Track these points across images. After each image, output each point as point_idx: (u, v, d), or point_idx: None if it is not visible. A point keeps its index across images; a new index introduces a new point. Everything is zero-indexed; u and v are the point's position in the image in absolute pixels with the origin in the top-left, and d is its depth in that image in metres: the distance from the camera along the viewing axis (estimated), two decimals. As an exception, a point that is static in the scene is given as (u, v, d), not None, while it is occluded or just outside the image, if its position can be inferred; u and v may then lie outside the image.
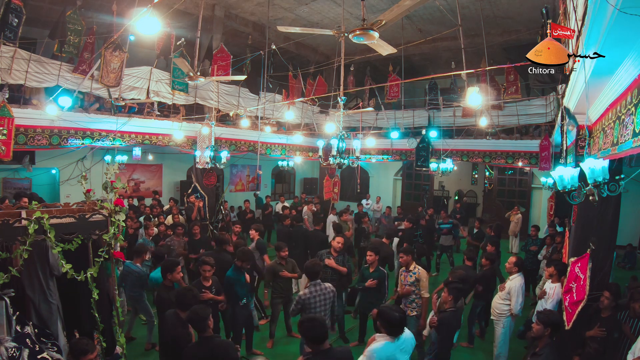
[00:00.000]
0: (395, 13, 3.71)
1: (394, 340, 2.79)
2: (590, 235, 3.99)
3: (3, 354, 2.43)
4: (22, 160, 8.69)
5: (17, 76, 6.53)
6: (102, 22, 8.04)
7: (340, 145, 4.78)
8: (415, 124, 11.53)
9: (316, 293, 3.82)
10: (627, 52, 2.48)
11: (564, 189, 2.94)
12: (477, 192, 15.03)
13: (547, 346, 3.01)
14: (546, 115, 9.27)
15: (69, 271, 3.00)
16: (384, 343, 2.80)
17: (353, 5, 8.49)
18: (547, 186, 9.21)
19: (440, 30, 8.93)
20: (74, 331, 3.53)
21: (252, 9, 9.38)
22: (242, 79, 7.13)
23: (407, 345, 2.86)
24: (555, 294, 4.38)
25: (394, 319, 2.78)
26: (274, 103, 10.37)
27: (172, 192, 12.17)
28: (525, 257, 6.55)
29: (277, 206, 11.63)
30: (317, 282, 3.88)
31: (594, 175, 2.45)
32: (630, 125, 2.48)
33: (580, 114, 4.15)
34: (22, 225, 2.80)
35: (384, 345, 2.79)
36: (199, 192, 9.21)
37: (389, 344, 2.79)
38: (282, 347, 5.15)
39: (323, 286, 3.89)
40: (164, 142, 9.05)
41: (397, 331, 2.80)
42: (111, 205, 3.36)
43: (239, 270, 4.55)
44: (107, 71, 7.38)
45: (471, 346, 5.33)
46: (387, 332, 2.82)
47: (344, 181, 14.70)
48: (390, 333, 2.80)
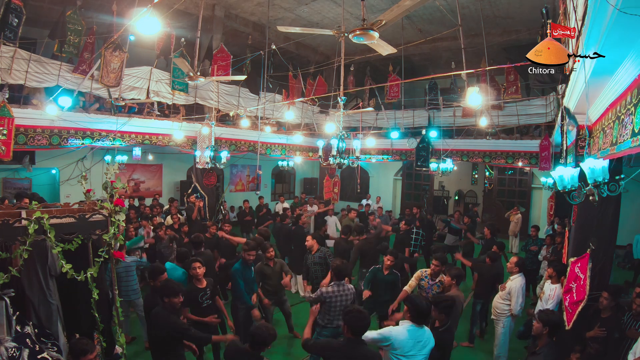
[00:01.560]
0: (395, 13, 3.71)
1: (417, 327, 2.87)
2: (590, 235, 3.99)
3: (3, 354, 2.43)
4: (22, 160, 8.69)
5: (17, 76, 6.53)
6: (102, 22, 8.04)
7: (340, 145, 4.78)
8: (415, 124, 11.53)
9: (338, 293, 3.86)
10: (627, 52, 2.49)
11: (564, 189, 2.94)
12: (477, 192, 15.02)
13: (547, 345, 3.01)
14: (546, 115, 9.27)
15: (69, 271, 3.00)
16: (405, 326, 2.89)
17: (353, 5, 8.49)
18: (547, 186, 9.20)
19: (440, 30, 8.93)
20: (74, 331, 3.54)
21: (252, 9, 9.39)
22: (242, 79, 7.13)
23: (425, 340, 2.88)
24: (555, 295, 4.37)
25: (421, 305, 2.89)
26: (274, 103, 10.37)
27: (172, 192, 12.17)
28: (525, 257, 6.55)
29: (276, 206, 11.62)
30: (341, 283, 3.92)
31: (594, 175, 2.45)
32: (629, 125, 2.48)
33: (580, 114, 4.15)
34: (22, 225, 2.80)
35: (404, 328, 2.87)
36: (199, 192, 9.21)
37: (411, 329, 2.86)
38: (281, 347, 5.16)
39: (346, 287, 3.93)
40: (164, 142, 9.06)
41: (423, 319, 2.90)
42: (111, 205, 3.36)
43: (246, 264, 4.50)
44: (107, 71, 7.38)
45: (471, 345, 5.33)
46: (412, 318, 2.90)
47: (344, 181, 14.71)
48: (415, 320, 2.89)
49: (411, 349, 2.81)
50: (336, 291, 3.85)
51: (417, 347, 2.82)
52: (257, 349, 2.69)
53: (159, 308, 3.29)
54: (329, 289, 3.87)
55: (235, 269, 4.49)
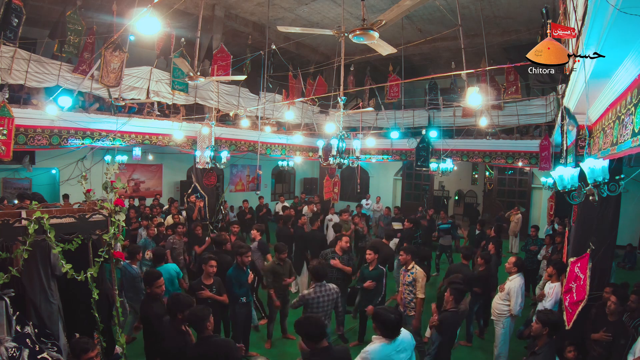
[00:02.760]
0: (395, 13, 3.71)
1: (390, 342, 2.75)
2: (590, 235, 3.99)
3: (3, 354, 2.43)
4: (22, 160, 8.69)
5: (17, 76, 6.53)
6: (102, 22, 8.04)
7: (340, 145, 4.77)
8: (415, 124, 11.53)
9: (320, 294, 3.82)
10: (627, 52, 2.49)
11: (564, 189, 2.93)
12: (477, 192, 15.03)
13: (546, 345, 3.01)
14: (546, 115, 9.27)
15: (69, 271, 3.00)
16: (379, 345, 2.77)
17: (353, 5, 8.49)
18: (547, 186, 9.21)
19: (440, 30, 8.93)
20: (74, 331, 3.54)
21: (252, 9, 9.39)
22: (242, 79, 7.13)
23: (404, 346, 2.83)
24: (554, 293, 4.37)
25: (389, 320, 2.74)
26: (274, 103, 10.37)
27: (172, 192, 12.17)
28: (525, 257, 6.55)
29: (276, 206, 11.63)
30: (323, 284, 3.88)
31: (594, 175, 2.45)
32: (629, 125, 2.48)
33: (580, 114, 4.16)
34: (22, 225, 2.80)
35: (380, 347, 2.75)
36: (199, 192, 9.21)
37: (385, 345, 2.75)
38: (281, 347, 5.15)
39: (328, 287, 3.89)
40: (164, 142, 9.06)
41: (393, 333, 2.76)
42: (111, 205, 3.36)
43: (240, 268, 4.53)
44: (107, 71, 7.38)
45: (469, 344, 5.32)
46: (382, 334, 2.78)
47: (344, 181, 14.70)
48: (386, 335, 2.76)
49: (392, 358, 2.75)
50: (318, 292, 3.82)
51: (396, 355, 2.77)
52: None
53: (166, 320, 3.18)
54: (310, 291, 3.83)
55: (230, 274, 4.50)
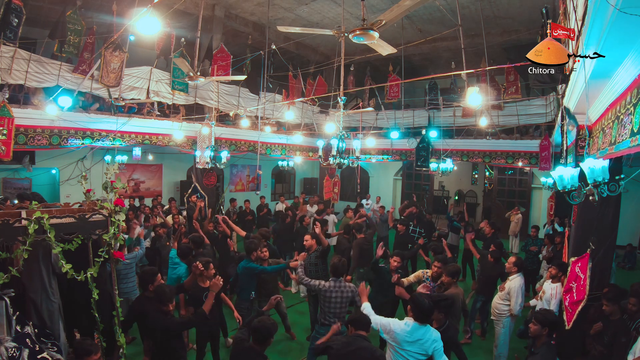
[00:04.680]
0: (395, 13, 3.71)
1: (420, 326, 2.87)
2: (590, 235, 3.99)
3: (3, 354, 2.43)
4: (22, 160, 8.69)
5: (17, 76, 6.53)
6: (102, 22, 8.04)
7: (340, 145, 4.76)
8: (415, 124, 11.53)
9: (334, 289, 3.85)
10: (627, 52, 2.49)
11: (564, 189, 2.93)
12: (477, 192, 15.02)
13: (545, 345, 3.01)
14: (546, 115, 9.27)
15: (69, 271, 3.00)
16: (403, 323, 2.90)
17: (353, 5, 8.50)
18: (547, 186, 9.19)
19: (440, 30, 8.93)
20: (74, 331, 3.54)
21: (252, 9, 9.39)
22: (242, 79, 7.13)
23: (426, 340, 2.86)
24: (557, 293, 4.36)
25: (423, 305, 2.87)
26: (274, 103, 10.37)
27: (172, 192, 12.17)
28: (525, 257, 6.54)
29: (276, 206, 11.61)
30: (339, 279, 3.92)
31: (594, 175, 2.45)
32: (628, 124, 2.48)
33: (580, 114, 4.16)
34: (22, 225, 2.80)
35: (402, 325, 2.89)
36: (199, 192, 9.20)
37: (406, 325, 2.88)
38: (281, 347, 5.16)
39: (343, 284, 3.91)
40: (164, 142, 9.06)
41: (425, 318, 2.89)
42: (111, 205, 3.36)
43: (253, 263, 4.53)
44: (107, 71, 7.38)
45: (469, 342, 5.32)
46: (415, 316, 2.90)
47: (344, 181, 14.71)
48: (418, 318, 2.88)
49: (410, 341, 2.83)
50: (333, 286, 3.86)
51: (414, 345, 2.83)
52: (263, 344, 2.70)
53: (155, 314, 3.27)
54: (329, 283, 3.88)
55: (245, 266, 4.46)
